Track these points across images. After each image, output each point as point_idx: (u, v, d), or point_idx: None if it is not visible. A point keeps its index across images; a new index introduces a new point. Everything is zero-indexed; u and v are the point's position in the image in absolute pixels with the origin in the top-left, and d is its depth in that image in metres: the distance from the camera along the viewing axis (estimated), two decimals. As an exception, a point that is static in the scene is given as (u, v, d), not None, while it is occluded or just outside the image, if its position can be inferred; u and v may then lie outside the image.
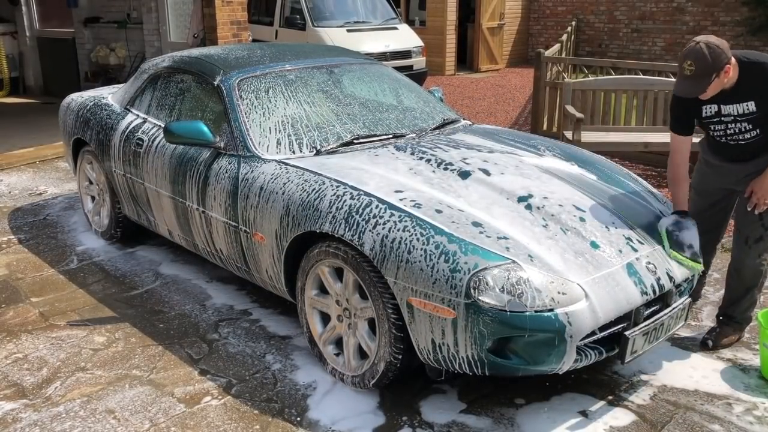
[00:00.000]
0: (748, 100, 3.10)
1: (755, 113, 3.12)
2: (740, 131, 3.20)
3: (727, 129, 3.22)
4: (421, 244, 2.72)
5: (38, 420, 2.95)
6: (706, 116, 3.23)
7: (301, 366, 3.31)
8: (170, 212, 4.04)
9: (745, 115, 3.14)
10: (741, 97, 3.11)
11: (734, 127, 3.19)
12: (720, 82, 3.02)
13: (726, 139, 3.26)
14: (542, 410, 2.96)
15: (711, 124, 3.26)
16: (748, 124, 3.16)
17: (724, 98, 3.13)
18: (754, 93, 3.08)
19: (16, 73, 11.10)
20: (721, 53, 2.96)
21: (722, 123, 3.21)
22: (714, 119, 3.22)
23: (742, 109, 3.13)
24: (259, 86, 3.88)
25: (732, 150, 3.30)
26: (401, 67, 9.13)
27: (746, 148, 3.25)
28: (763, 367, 3.20)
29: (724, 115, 3.18)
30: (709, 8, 13.61)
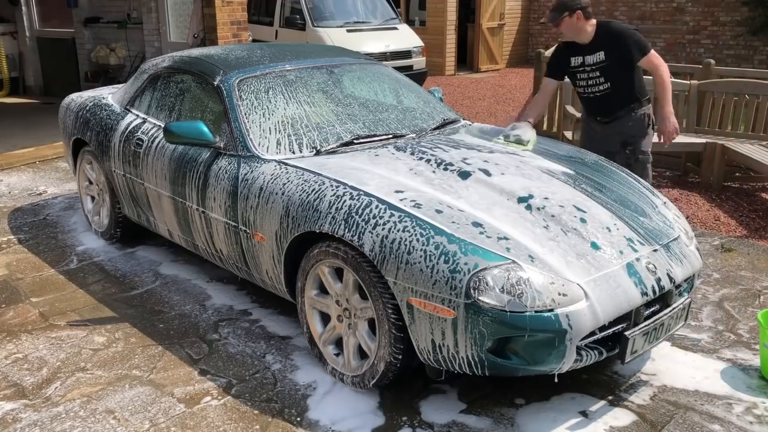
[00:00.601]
0: (599, 51, 4.02)
1: (604, 62, 4.01)
2: (595, 83, 4.08)
3: (588, 80, 4.10)
4: (421, 244, 2.72)
5: (38, 420, 2.94)
6: (574, 65, 4.13)
7: (301, 366, 3.31)
8: (170, 212, 4.04)
9: (598, 64, 4.03)
10: (595, 48, 4.03)
11: (592, 78, 4.08)
12: (572, 25, 3.98)
13: (587, 91, 4.15)
14: (542, 410, 2.96)
15: (577, 74, 4.15)
16: (600, 75, 4.05)
17: (584, 50, 4.06)
18: (603, 45, 4.01)
19: (16, 73, 11.10)
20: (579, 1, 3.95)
21: (584, 72, 4.10)
22: (579, 68, 4.12)
23: (595, 59, 4.03)
24: (259, 86, 3.88)
25: (592, 105, 4.20)
26: (401, 67, 9.13)
27: (603, 102, 4.11)
28: (763, 367, 3.20)
29: (586, 65, 4.08)
30: (709, 8, 13.60)
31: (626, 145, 4.13)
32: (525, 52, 16.02)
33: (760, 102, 6.03)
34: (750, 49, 13.19)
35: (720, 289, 4.10)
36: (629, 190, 3.44)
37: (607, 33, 4.03)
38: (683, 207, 5.55)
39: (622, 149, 4.12)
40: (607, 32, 4.03)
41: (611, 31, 4.03)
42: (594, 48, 4.04)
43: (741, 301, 3.96)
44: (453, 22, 13.99)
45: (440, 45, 13.87)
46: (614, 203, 3.25)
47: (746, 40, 13.18)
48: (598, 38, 4.03)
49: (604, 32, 4.03)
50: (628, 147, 4.12)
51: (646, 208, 3.29)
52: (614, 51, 4.00)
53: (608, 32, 4.03)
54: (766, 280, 4.23)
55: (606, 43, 4.01)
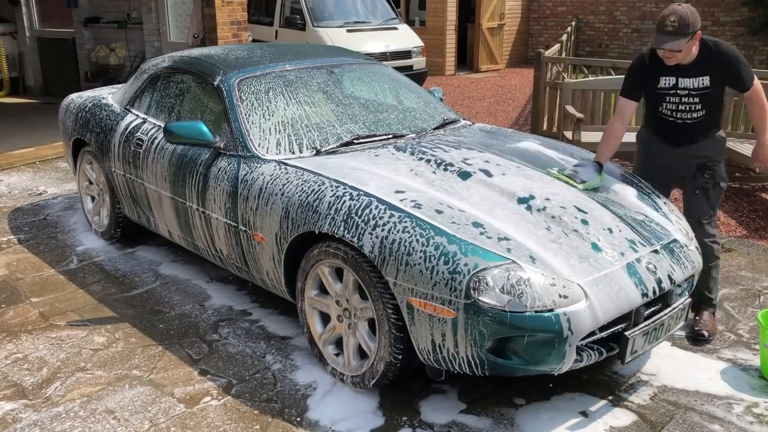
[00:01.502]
0: (703, 75, 3.42)
1: (708, 89, 3.42)
2: (690, 109, 3.48)
3: (679, 104, 3.49)
4: (420, 245, 2.72)
5: (38, 420, 2.94)
6: (663, 87, 3.49)
7: (301, 366, 3.31)
8: (170, 212, 4.04)
9: (699, 89, 3.43)
10: (698, 71, 3.42)
11: (687, 102, 3.47)
12: (690, 48, 3.33)
13: (675, 116, 3.53)
14: (542, 410, 2.96)
15: (666, 96, 3.51)
16: (698, 102, 3.46)
17: (681, 71, 3.43)
18: (710, 69, 3.40)
19: (16, 73, 11.10)
20: (698, 18, 3.30)
21: (677, 96, 3.48)
22: (670, 91, 3.49)
23: (697, 83, 3.43)
24: (259, 86, 3.88)
25: (678, 130, 3.56)
26: (401, 67, 9.13)
27: (691, 129, 3.53)
28: (763, 367, 3.20)
29: (681, 88, 3.46)
30: (709, 8, 13.60)
31: (705, 169, 3.57)
32: (525, 52, 16.03)
33: (760, 102, 6.02)
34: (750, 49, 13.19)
35: (720, 289, 4.10)
36: (630, 190, 3.44)
37: (715, 56, 3.39)
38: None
39: (700, 174, 3.57)
40: (716, 55, 3.39)
41: (721, 54, 3.39)
42: (697, 71, 3.41)
43: (741, 301, 3.96)
44: (453, 22, 13.99)
45: (440, 45, 13.87)
46: (615, 204, 3.25)
47: (746, 40, 13.18)
48: (704, 60, 3.40)
49: (712, 54, 3.40)
50: (707, 171, 3.56)
51: (646, 209, 3.30)
52: (722, 77, 3.42)
53: (717, 55, 3.39)
54: (766, 280, 4.23)
55: (713, 68, 3.40)
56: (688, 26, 3.25)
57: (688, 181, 3.63)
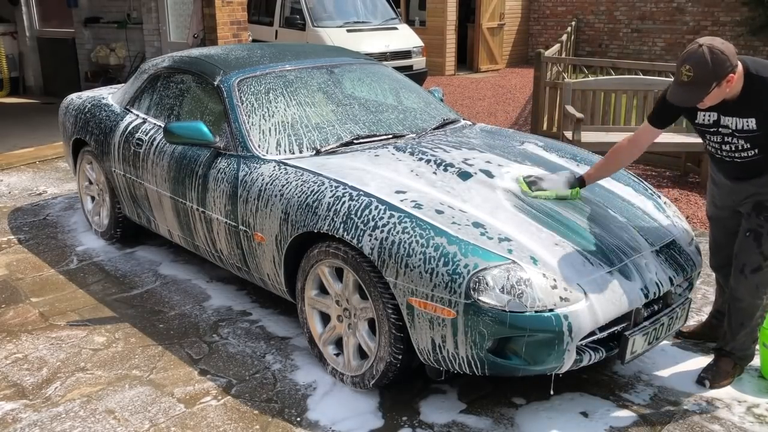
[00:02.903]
0: (749, 116, 2.77)
1: (755, 131, 2.79)
2: (737, 149, 2.88)
3: (723, 143, 2.90)
4: (420, 246, 2.72)
5: (38, 420, 2.95)
6: (702, 123, 2.93)
7: (301, 366, 3.31)
8: (170, 212, 4.04)
9: (744, 131, 2.82)
10: (742, 111, 2.78)
11: (732, 143, 2.88)
12: (721, 92, 2.69)
13: (721, 154, 2.96)
14: (542, 410, 2.97)
15: (706, 133, 2.95)
16: (746, 142, 2.84)
17: (723, 108, 2.81)
18: (757, 109, 2.75)
19: (16, 73, 11.10)
20: (726, 60, 2.61)
21: (719, 134, 2.90)
22: (711, 129, 2.91)
23: (741, 125, 2.81)
24: (259, 86, 3.88)
25: (729, 167, 3.00)
26: (401, 67, 9.13)
27: (744, 166, 2.94)
28: (763, 367, 3.20)
29: (723, 126, 2.86)
30: (709, 8, 13.61)
31: (762, 209, 2.96)
32: (525, 52, 16.03)
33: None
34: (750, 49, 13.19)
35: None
36: (630, 190, 3.44)
37: (762, 91, 2.73)
38: (683, 207, 5.55)
39: (755, 213, 2.97)
40: (763, 90, 2.73)
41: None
42: (741, 110, 2.78)
43: (741, 301, 3.95)
44: (453, 22, 13.99)
45: (440, 45, 13.87)
46: (615, 203, 3.25)
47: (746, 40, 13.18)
48: (749, 97, 2.74)
49: (757, 89, 2.73)
50: (764, 213, 2.95)
51: (646, 209, 3.30)
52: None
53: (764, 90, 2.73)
54: (766, 280, 4.23)
55: (760, 108, 2.75)
56: (710, 74, 2.61)
57: (744, 220, 3.05)
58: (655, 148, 6.17)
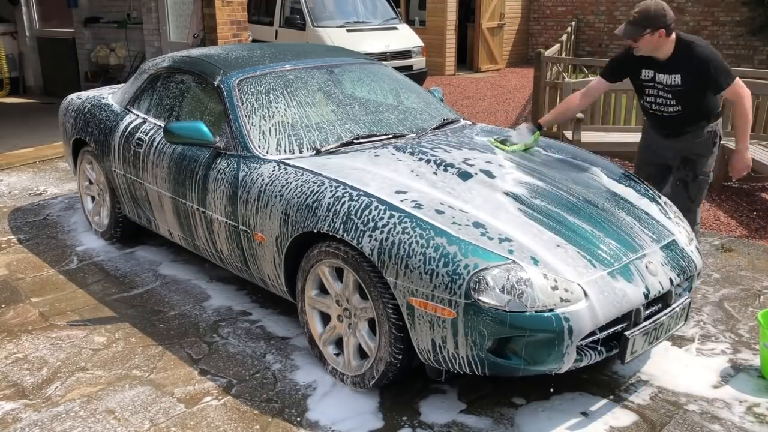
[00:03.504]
0: (676, 73, 3.55)
1: (680, 86, 3.55)
2: (666, 104, 3.64)
3: (657, 97, 3.66)
4: (420, 246, 2.72)
5: (38, 420, 2.95)
6: (644, 78, 3.68)
7: (301, 366, 3.31)
8: (170, 212, 4.04)
9: (672, 86, 3.57)
10: (671, 69, 3.55)
11: (663, 97, 3.63)
12: (653, 41, 3.47)
13: (654, 108, 3.71)
14: (542, 410, 2.96)
15: (646, 88, 3.70)
16: (672, 97, 3.60)
17: (659, 66, 3.59)
18: (681, 68, 3.52)
19: (16, 73, 11.09)
20: (663, 16, 3.43)
21: (655, 89, 3.65)
22: (649, 83, 3.67)
23: (670, 80, 3.57)
24: (259, 86, 3.88)
25: (659, 122, 3.76)
26: (401, 67, 9.13)
27: (670, 122, 3.69)
28: (763, 367, 3.20)
29: (657, 81, 3.62)
30: (709, 8, 13.60)
31: (687, 162, 3.75)
32: (525, 52, 16.03)
33: (760, 102, 6.04)
34: (750, 49, 13.19)
35: (720, 289, 4.10)
36: (629, 190, 3.44)
37: (688, 56, 3.51)
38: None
39: (682, 166, 3.77)
40: (689, 55, 3.50)
41: (694, 55, 3.49)
42: (671, 68, 3.56)
43: (741, 301, 3.96)
44: (453, 22, 13.99)
45: (440, 45, 13.87)
46: (615, 204, 3.25)
47: (746, 40, 13.17)
48: (678, 59, 3.53)
49: (685, 54, 3.51)
50: (689, 165, 3.75)
51: (646, 209, 3.30)
52: (694, 78, 3.52)
53: (690, 56, 3.50)
54: (766, 280, 4.23)
55: (685, 68, 3.52)
56: (649, 19, 3.42)
57: (672, 173, 3.86)
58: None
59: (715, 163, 3.86)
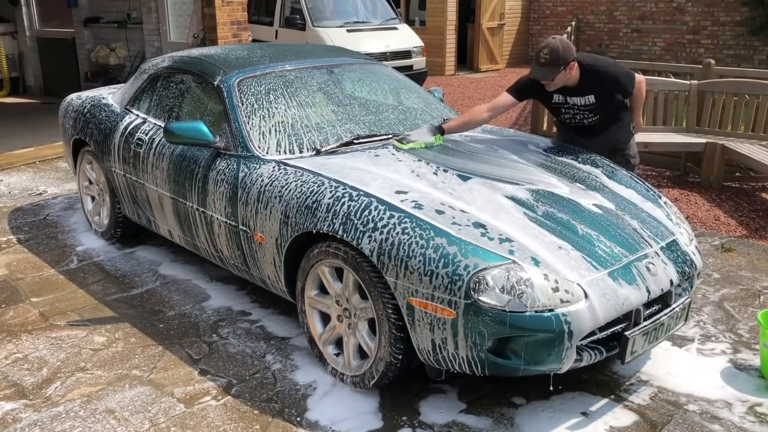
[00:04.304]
0: (588, 94, 3.80)
1: (595, 104, 3.83)
2: (584, 118, 3.91)
3: (574, 115, 3.93)
4: (420, 247, 2.71)
5: (38, 420, 2.94)
6: (557, 101, 3.91)
7: (301, 366, 3.31)
8: (170, 212, 4.04)
9: (587, 105, 3.84)
10: (583, 91, 3.80)
11: (580, 113, 3.89)
12: (565, 75, 3.66)
13: (574, 122, 3.97)
14: (542, 410, 2.96)
15: (561, 109, 3.95)
16: (589, 112, 3.88)
17: (569, 92, 3.81)
18: (592, 88, 3.78)
19: (16, 73, 11.10)
20: (570, 50, 3.63)
21: (571, 109, 3.90)
22: (564, 105, 3.91)
23: (584, 101, 3.83)
24: (259, 86, 3.88)
25: (581, 130, 4.01)
26: (401, 67, 9.13)
27: (591, 128, 3.96)
28: (763, 367, 3.20)
29: (570, 104, 3.87)
30: (709, 8, 13.60)
31: (616, 151, 4.01)
32: (525, 52, 16.02)
33: (760, 102, 6.03)
34: (750, 49, 13.19)
35: (720, 289, 4.10)
36: (629, 190, 3.44)
37: (594, 77, 3.75)
38: (683, 207, 5.55)
39: (611, 156, 3.96)
40: (594, 76, 3.75)
41: (598, 73, 3.75)
42: (582, 91, 3.80)
43: (741, 301, 3.96)
44: (453, 22, 13.98)
45: (440, 45, 13.86)
46: (615, 204, 3.25)
47: (746, 40, 13.17)
48: (586, 82, 3.76)
49: (590, 76, 3.75)
50: (618, 153, 4.01)
51: (647, 209, 3.30)
52: (605, 93, 3.80)
53: (595, 76, 3.75)
54: (766, 280, 4.23)
55: (595, 87, 3.77)
56: (559, 59, 3.59)
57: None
58: (655, 148, 6.18)
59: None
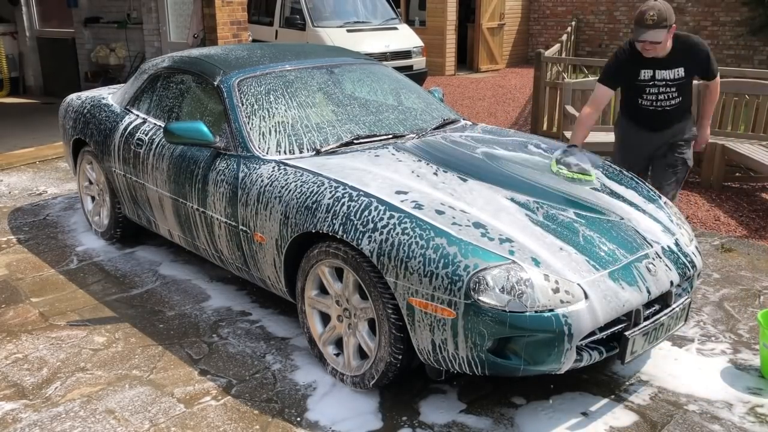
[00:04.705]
0: (678, 66, 3.77)
1: (683, 78, 3.80)
2: (669, 97, 3.85)
3: (659, 93, 3.84)
4: (420, 247, 2.71)
5: (38, 420, 2.94)
6: (643, 79, 3.83)
7: (301, 366, 3.31)
8: (170, 212, 4.04)
9: (676, 80, 3.80)
10: (673, 63, 3.76)
11: (666, 92, 3.83)
12: (668, 37, 3.64)
13: (655, 104, 3.89)
14: (542, 410, 2.97)
15: (645, 88, 3.86)
16: (675, 90, 3.84)
17: (658, 64, 3.77)
18: (684, 60, 3.76)
19: (16, 73, 11.09)
20: (672, 12, 3.64)
21: (655, 86, 3.82)
22: (649, 83, 3.83)
23: (673, 75, 3.79)
24: (259, 86, 3.88)
25: (656, 117, 3.93)
26: (401, 67, 9.13)
27: (669, 114, 3.92)
28: (763, 367, 3.20)
29: (658, 79, 3.80)
30: (709, 8, 13.60)
31: (675, 147, 3.99)
32: (525, 52, 16.02)
33: (760, 102, 6.04)
34: (750, 49, 13.19)
35: (720, 289, 4.10)
36: (630, 191, 3.44)
37: (687, 47, 3.78)
38: (683, 207, 5.55)
39: (671, 153, 3.99)
40: (688, 47, 3.79)
41: (692, 45, 3.79)
42: (672, 63, 3.78)
43: (741, 301, 3.96)
44: (453, 22, 13.98)
45: (440, 45, 13.87)
46: (614, 203, 3.25)
47: (746, 40, 13.17)
48: (678, 52, 3.77)
49: (684, 46, 3.78)
50: (678, 151, 3.99)
51: (647, 210, 3.29)
52: (694, 67, 3.83)
53: (689, 47, 3.79)
54: (766, 280, 4.23)
55: (686, 59, 3.78)
56: (666, 19, 3.58)
57: (658, 159, 4.04)
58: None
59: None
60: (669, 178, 4.00)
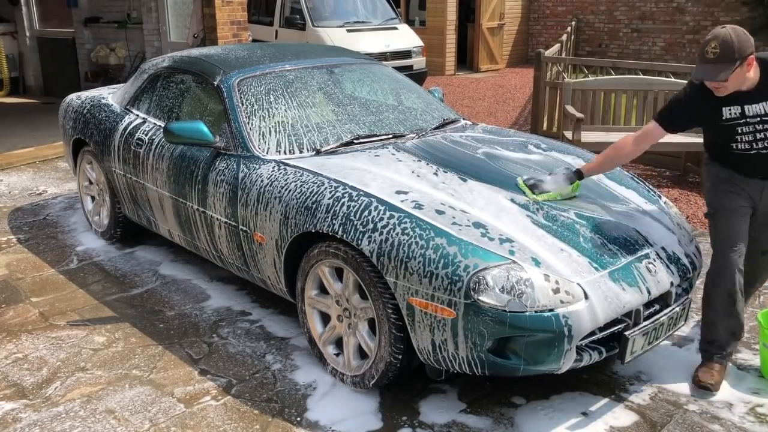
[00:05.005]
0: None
1: None
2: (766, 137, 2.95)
3: (756, 132, 2.94)
4: (420, 247, 2.71)
5: (38, 420, 2.95)
6: (729, 118, 2.96)
7: (301, 366, 3.31)
8: (170, 212, 4.04)
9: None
10: (763, 96, 2.90)
11: (763, 130, 2.93)
12: (742, 74, 2.81)
13: (756, 145, 2.97)
14: (542, 410, 2.97)
15: (737, 127, 2.97)
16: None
17: (746, 98, 2.91)
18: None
19: (16, 73, 11.10)
20: (748, 41, 2.77)
21: (749, 125, 2.94)
22: (739, 121, 2.95)
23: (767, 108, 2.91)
24: (259, 86, 3.88)
25: (757, 163, 3.01)
26: (401, 67, 9.13)
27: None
28: (763, 367, 3.20)
29: (750, 116, 2.93)
30: (709, 8, 13.60)
31: None
32: (525, 52, 16.02)
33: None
34: (750, 50, 13.18)
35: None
36: (630, 191, 3.44)
37: None
38: (683, 207, 5.55)
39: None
40: None
41: None
42: (762, 95, 2.90)
43: (741, 301, 3.95)
44: (453, 22, 13.99)
45: (440, 45, 13.87)
46: (614, 203, 3.25)
47: (746, 40, 13.16)
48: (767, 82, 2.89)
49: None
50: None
51: (647, 210, 3.29)
52: None
53: None
54: (766, 280, 4.23)
55: None
56: (734, 52, 2.74)
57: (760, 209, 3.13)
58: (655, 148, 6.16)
59: None
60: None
